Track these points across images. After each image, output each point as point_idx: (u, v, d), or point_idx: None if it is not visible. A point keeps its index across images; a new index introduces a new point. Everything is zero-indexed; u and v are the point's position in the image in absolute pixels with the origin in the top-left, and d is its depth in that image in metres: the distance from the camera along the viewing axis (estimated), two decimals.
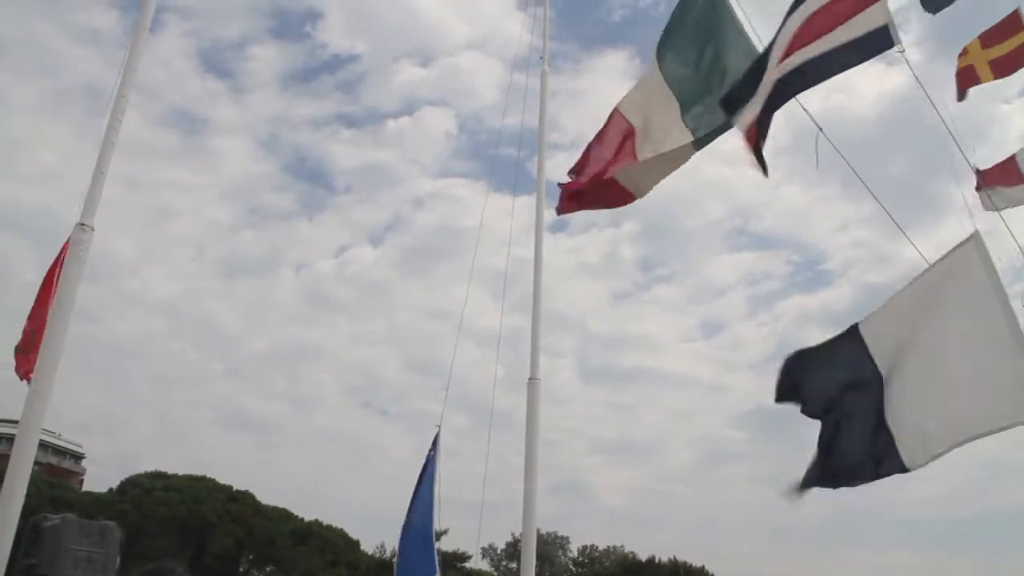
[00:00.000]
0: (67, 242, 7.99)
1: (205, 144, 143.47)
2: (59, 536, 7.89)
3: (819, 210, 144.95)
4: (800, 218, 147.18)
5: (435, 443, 9.51)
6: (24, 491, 6.63)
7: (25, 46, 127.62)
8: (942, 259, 5.06)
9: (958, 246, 5.01)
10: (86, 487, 73.91)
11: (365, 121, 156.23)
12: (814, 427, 5.29)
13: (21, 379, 8.65)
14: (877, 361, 5.18)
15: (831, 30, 5.71)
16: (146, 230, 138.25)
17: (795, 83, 5.90)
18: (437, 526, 9.19)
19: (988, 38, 10.29)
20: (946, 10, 8.52)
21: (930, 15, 8.80)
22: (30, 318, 8.87)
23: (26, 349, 8.79)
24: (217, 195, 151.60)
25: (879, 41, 5.50)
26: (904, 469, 4.95)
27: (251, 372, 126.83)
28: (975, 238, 4.94)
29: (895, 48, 5.45)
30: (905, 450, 4.94)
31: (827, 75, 5.81)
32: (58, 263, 8.15)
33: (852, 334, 5.34)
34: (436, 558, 9.11)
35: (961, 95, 10.33)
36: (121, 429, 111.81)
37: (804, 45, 5.84)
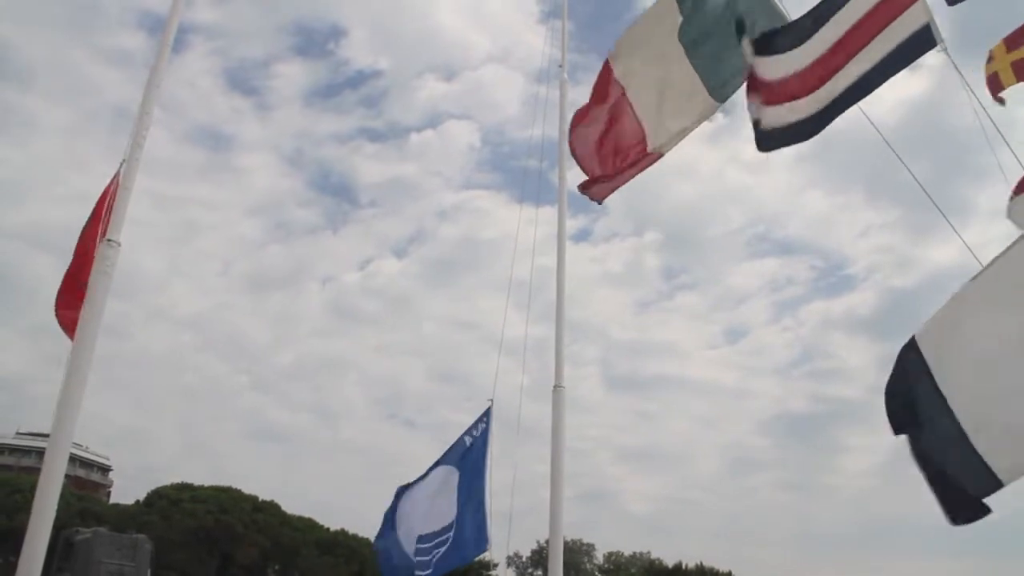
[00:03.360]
0: (105, 191, 8.07)
1: (231, 161, 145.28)
2: (91, 549, 7.96)
3: (842, 216, 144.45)
4: (823, 224, 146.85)
5: (487, 416, 9.45)
6: (55, 504, 6.67)
7: (57, 70, 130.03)
8: (993, 261, 4.82)
9: (1012, 245, 4.77)
10: (113, 499, 74.53)
11: (389, 135, 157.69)
12: (837, 431, 5.00)
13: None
14: (939, 383, 4.83)
15: (875, 36, 5.65)
16: (174, 246, 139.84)
17: (848, 99, 5.85)
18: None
19: (1013, 41, 10.17)
20: (968, 13, 8.43)
21: (949, 22, 8.71)
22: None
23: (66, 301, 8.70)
24: (243, 211, 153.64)
25: (921, 42, 5.43)
26: (1000, 484, 4.51)
27: (278, 384, 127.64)
28: None
29: (937, 47, 5.37)
30: (996, 463, 4.52)
31: (877, 85, 5.73)
32: (99, 213, 8.20)
33: (910, 351, 5.00)
34: (489, 531, 9.06)
35: (999, 99, 10.21)
36: (149, 442, 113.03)
37: (851, 56, 5.79)
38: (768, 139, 6.35)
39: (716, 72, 7.27)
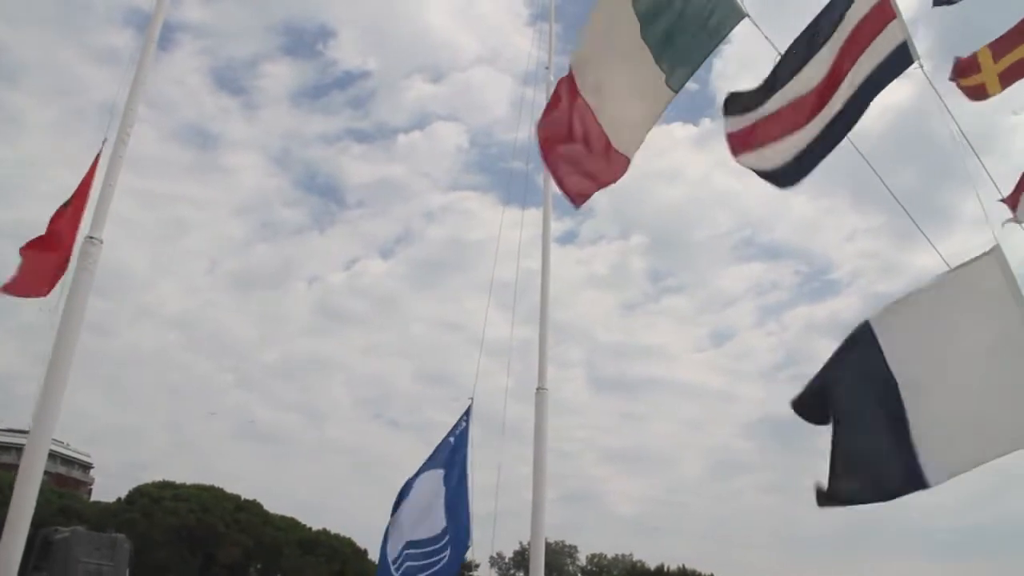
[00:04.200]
0: (98, 155, 8.01)
1: (218, 160, 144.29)
2: (69, 549, 7.89)
3: (827, 220, 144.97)
4: (808, 228, 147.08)
5: (467, 415, 9.50)
6: (34, 502, 6.64)
7: (45, 68, 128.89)
8: (959, 268, 4.92)
9: (977, 258, 4.87)
10: (94, 497, 74.01)
11: (376, 136, 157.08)
12: (821, 435, 5.10)
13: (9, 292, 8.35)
14: (892, 367, 4.97)
15: (857, 58, 5.70)
16: (160, 244, 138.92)
17: (841, 125, 5.86)
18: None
19: (998, 51, 10.25)
20: (952, 24, 8.50)
21: (935, 32, 8.77)
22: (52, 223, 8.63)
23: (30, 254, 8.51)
24: (230, 210, 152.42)
25: (899, 61, 5.47)
26: (926, 486, 4.73)
27: (263, 383, 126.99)
28: (996, 251, 4.81)
29: (913, 65, 5.42)
30: (928, 467, 4.73)
31: (864, 107, 5.75)
32: (91, 172, 8.15)
33: (864, 333, 5.08)
34: (471, 530, 9.09)
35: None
36: (134, 440, 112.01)
37: (838, 82, 5.82)
38: (784, 175, 6.33)
39: (672, 59, 7.12)
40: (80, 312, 7.27)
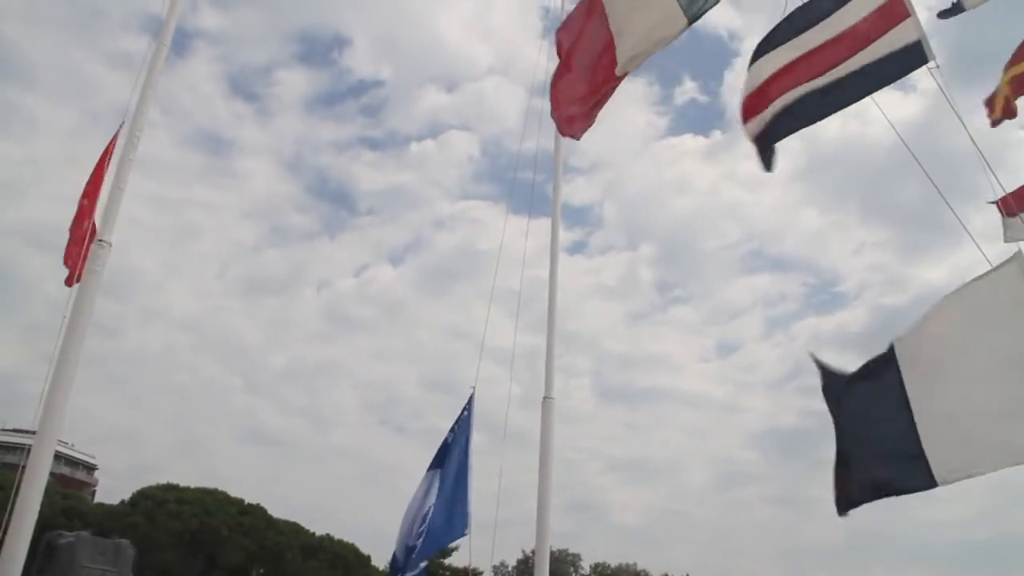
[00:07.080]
0: (116, 135, 8.03)
1: (230, 165, 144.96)
2: (73, 554, 7.88)
3: (835, 234, 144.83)
4: (816, 241, 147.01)
5: (469, 404, 9.52)
6: (39, 503, 6.65)
7: (61, 71, 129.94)
8: (981, 277, 4.89)
9: (1000, 265, 4.83)
10: (98, 498, 73.95)
11: (388, 144, 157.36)
12: (826, 446, 5.17)
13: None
14: (903, 372, 5.02)
15: (863, 47, 5.58)
16: (171, 247, 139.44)
17: (827, 103, 5.79)
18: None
19: (1013, 60, 10.27)
20: (962, 39, 8.48)
21: (943, 51, 8.77)
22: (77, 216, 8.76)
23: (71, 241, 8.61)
24: (241, 214, 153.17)
25: (912, 58, 5.35)
26: (934, 484, 4.79)
27: (270, 388, 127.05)
28: (1017, 258, 4.75)
29: (928, 64, 5.28)
30: (937, 465, 4.77)
31: (860, 95, 5.66)
32: (107, 153, 8.17)
33: (889, 352, 5.16)
34: (469, 516, 9.08)
35: (995, 122, 10.28)
36: (140, 442, 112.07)
37: (836, 63, 5.74)
38: (763, 141, 6.32)
39: None
40: (88, 313, 7.29)
